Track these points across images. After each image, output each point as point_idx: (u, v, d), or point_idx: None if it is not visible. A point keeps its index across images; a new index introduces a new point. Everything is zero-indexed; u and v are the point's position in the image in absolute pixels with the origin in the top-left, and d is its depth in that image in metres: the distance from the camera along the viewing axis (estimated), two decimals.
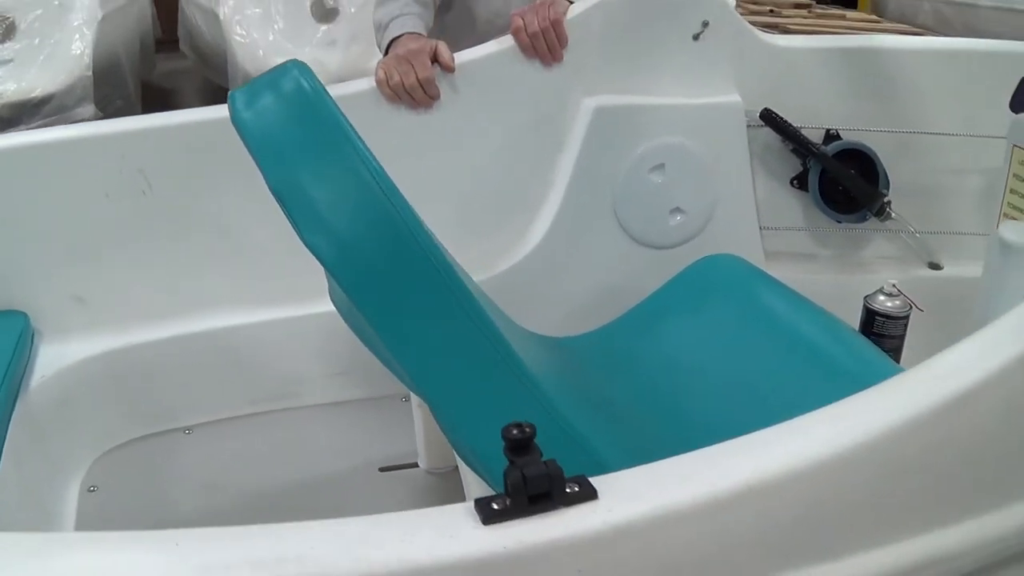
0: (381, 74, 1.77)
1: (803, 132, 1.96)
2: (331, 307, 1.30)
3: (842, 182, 1.97)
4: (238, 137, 1.04)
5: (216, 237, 1.76)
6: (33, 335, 1.68)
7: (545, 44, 1.81)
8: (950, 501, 0.89)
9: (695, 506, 0.77)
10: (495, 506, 0.73)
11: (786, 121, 1.94)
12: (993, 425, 0.88)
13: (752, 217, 1.98)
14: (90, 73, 3.47)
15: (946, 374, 0.86)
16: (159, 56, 5.14)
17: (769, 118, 1.94)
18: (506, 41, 1.85)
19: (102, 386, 1.71)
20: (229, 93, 1.11)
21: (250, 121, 1.04)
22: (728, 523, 0.79)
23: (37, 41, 3.32)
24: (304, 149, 1.01)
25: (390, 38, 1.83)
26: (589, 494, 0.75)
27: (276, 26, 3.88)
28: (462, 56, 1.82)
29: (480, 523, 0.73)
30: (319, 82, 1.07)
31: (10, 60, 3.27)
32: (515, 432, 0.73)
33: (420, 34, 1.84)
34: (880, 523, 0.86)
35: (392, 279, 1.00)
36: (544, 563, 0.74)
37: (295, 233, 0.98)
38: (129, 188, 1.69)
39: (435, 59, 1.78)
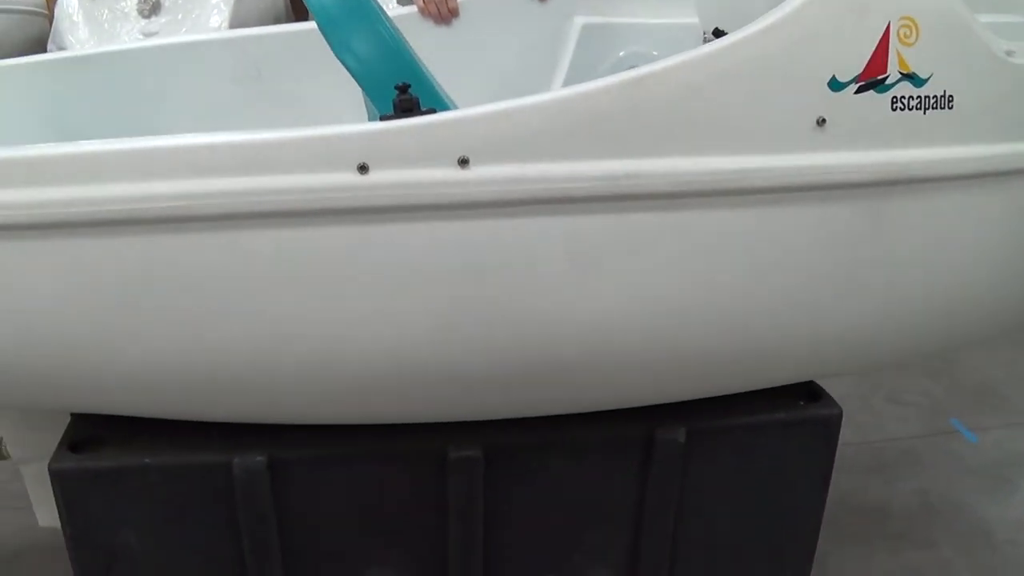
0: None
1: None
2: None
3: None
4: None
5: None
6: None
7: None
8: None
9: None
10: (389, 115, 1.45)
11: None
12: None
13: None
14: None
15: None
16: None
17: (718, 34, 2.49)
18: None
19: None
20: None
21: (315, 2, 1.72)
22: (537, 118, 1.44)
23: (180, 16, 4.09)
24: (341, 11, 1.68)
25: None
26: (434, 111, 1.46)
27: None
28: None
29: (379, 120, 1.45)
30: None
31: (156, 33, 4.05)
32: (400, 84, 1.46)
33: None
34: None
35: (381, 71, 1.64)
36: (410, 136, 1.41)
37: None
38: None
39: None
